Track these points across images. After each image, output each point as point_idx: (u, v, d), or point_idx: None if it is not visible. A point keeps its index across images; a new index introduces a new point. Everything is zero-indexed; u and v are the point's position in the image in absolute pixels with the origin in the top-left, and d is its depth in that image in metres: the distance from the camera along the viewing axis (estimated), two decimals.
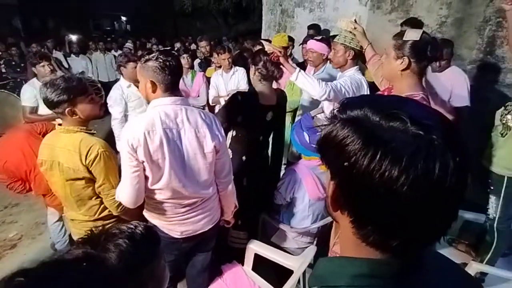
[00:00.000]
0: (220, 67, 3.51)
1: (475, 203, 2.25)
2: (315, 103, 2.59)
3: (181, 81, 3.57)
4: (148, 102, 1.45)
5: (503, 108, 2.01)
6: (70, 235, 2.37)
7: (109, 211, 1.62)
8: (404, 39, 1.38)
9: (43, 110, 2.80)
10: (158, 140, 1.34)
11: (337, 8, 4.25)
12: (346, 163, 0.42)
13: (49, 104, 1.45)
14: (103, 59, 6.41)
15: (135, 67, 2.83)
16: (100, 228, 0.88)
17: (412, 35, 1.37)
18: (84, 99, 1.51)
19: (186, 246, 1.65)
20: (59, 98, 1.43)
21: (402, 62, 1.40)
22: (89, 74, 5.94)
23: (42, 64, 2.76)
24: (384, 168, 0.39)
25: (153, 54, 1.39)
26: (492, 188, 2.06)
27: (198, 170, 1.48)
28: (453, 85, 2.44)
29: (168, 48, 7.05)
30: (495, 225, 2.06)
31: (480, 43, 3.07)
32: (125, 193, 1.42)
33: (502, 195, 2.01)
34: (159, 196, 1.48)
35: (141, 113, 2.92)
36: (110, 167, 1.54)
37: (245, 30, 11.15)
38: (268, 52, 2.05)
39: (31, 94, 2.80)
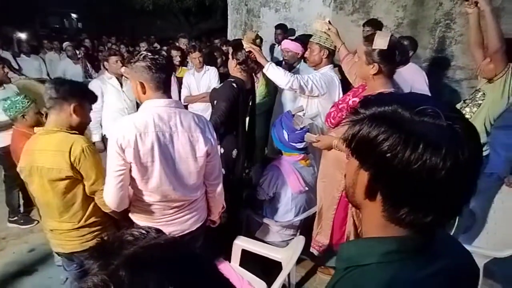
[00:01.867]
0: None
1: None
2: (292, 101, 2.68)
3: None
4: (140, 104, 1.42)
5: (462, 102, 2.24)
6: None
7: (95, 217, 1.56)
8: (373, 47, 1.48)
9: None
10: (150, 143, 1.32)
11: (302, 8, 4.39)
12: (388, 154, 0.48)
13: (56, 98, 1.45)
14: (58, 59, 5.97)
15: (117, 61, 2.92)
16: (111, 234, 0.87)
17: (380, 43, 1.47)
18: (88, 106, 1.56)
19: None
20: (71, 95, 1.46)
21: (373, 67, 1.52)
22: (43, 75, 5.49)
23: None
24: (426, 158, 0.46)
25: (141, 53, 1.36)
26: None
27: (189, 174, 1.48)
28: (413, 80, 2.66)
29: (132, 48, 6.75)
30: None
31: (432, 43, 3.38)
32: (109, 195, 1.38)
33: None
34: (147, 199, 1.46)
35: (119, 106, 2.98)
36: (98, 162, 1.49)
37: (208, 29, 11.05)
38: (247, 49, 2.13)
39: None
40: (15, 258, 2.61)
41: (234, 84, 2.15)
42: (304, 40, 2.57)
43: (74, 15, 21.79)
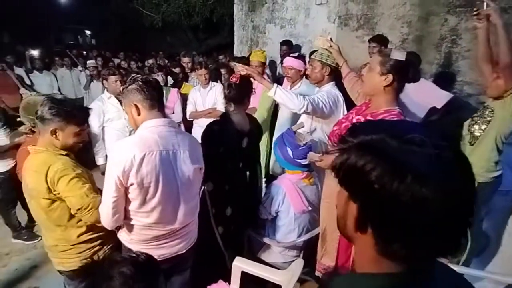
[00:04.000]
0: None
1: None
2: (293, 119, 2.66)
3: None
4: (137, 128, 1.42)
5: (470, 119, 2.18)
6: None
7: (93, 233, 1.54)
8: (391, 57, 1.47)
9: (2, 141, 2.66)
10: (154, 161, 1.32)
11: (307, 24, 4.44)
12: (375, 185, 0.45)
13: (40, 118, 1.44)
14: (70, 76, 6.14)
15: (116, 81, 2.92)
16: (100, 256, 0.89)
17: (398, 54, 1.46)
18: (74, 128, 1.49)
19: (163, 267, 1.61)
20: (51, 116, 1.42)
21: (386, 78, 1.48)
22: (54, 91, 5.63)
23: None
24: (414, 189, 0.43)
25: (131, 77, 1.39)
26: None
27: (190, 193, 1.48)
28: (426, 90, 2.60)
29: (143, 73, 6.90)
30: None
31: (438, 58, 3.35)
32: (104, 215, 1.38)
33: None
34: (142, 220, 1.43)
35: (119, 125, 2.98)
36: (76, 186, 1.43)
37: (216, 44, 11.24)
38: (241, 73, 2.07)
39: None
40: (17, 275, 2.60)
41: (216, 126, 1.89)
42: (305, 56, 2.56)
43: (88, 32, 22.58)
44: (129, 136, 1.46)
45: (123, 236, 1.53)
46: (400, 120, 0.57)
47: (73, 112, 1.48)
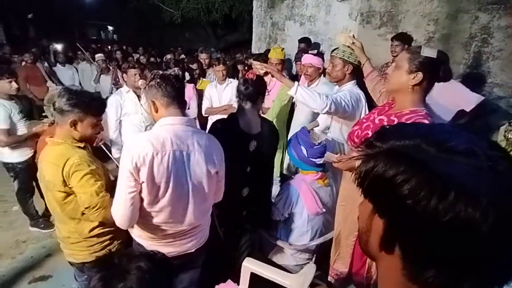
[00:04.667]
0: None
1: None
2: (310, 119, 2.58)
3: None
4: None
5: (507, 124, 2.03)
6: None
7: (104, 227, 1.54)
8: (421, 54, 1.36)
9: (21, 130, 2.70)
10: (166, 162, 1.28)
11: (327, 22, 4.32)
12: (409, 201, 0.38)
13: (56, 111, 1.45)
14: (90, 69, 6.27)
15: (135, 74, 2.93)
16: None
17: (429, 52, 1.35)
18: (92, 119, 1.50)
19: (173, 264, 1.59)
20: (70, 108, 1.42)
21: (415, 76, 1.38)
22: (76, 83, 5.77)
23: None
24: (459, 209, 0.35)
25: (152, 73, 1.37)
26: None
27: (202, 195, 1.44)
28: (454, 91, 2.45)
29: (158, 61, 6.96)
30: None
31: (467, 58, 3.17)
32: (118, 213, 1.34)
33: None
34: (152, 219, 1.41)
35: (136, 120, 2.99)
36: (88, 180, 1.43)
37: (234, 41, 11.23)
38: (261, 71, 1.99)
39: (3, 115, 2.56)
40: (32, 263, 2.66)
41: (219, 124, 1.81)
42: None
43: (110, 27, 23.13)
44: (144, 132, 1.42)
45: (134, 231, 1.52)
46: (439, 123, 0.48)
47: (91, 103, 1.49)
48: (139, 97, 3.02)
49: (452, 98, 2.38)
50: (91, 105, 1.48)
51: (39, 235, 3.02)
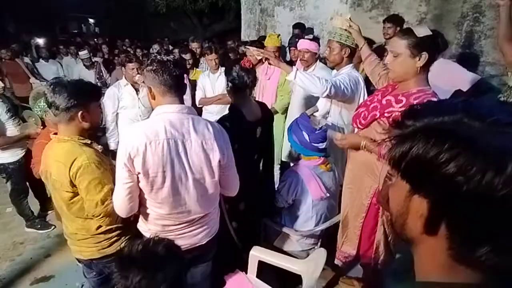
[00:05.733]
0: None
1: None
2: (307, 104, 2.57)
3: None
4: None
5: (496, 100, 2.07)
6: None
7: (111, 224, 1.50)
8: (418, 35, 1.37)
9: (10, 129, 2.61)
10: (160, 151, 1.24)
11: (317, 6, 4.26)
12: (459, 177, 0.37)
13: (62, 109, 1.38)
14: (75, 64, 6.07)
15: (133, 68, 2.87)
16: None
17: (423, 30, 1.37)
18: (96, 103, 1.50)
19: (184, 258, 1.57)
20: (75, 101, 1.37)
21: (420, 58, 1.39)
22: None
23: None
24: None
25: (150, 58, 1.32)
26: None
27: (204, 185, 1.40)
28: (451, 72, 2.47)
29: (145, 51, 6.77)
30: None
31: (459, 38, 3.19)
32: (117, 202, 1.34)
33: None
34: (156, 210, 1.38)
35: (132, 114, 2.96)
36: (95, 187, 1.39)
37: (221, 30, 11.02)
38: (258, 57, 1.95)
39: None
40: (32, 264, 2.61)
41: (227, 123, 1.72)
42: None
43: (91, 20, 22.40)
44: (139, 122, 1.37)
45: (141, 226, 1.49)
46: (477, 99, 0.46)
47: (89, 88, 1.49)
48: (137, 90, 2.98)
49: (449, 78, 2.39)
50: (91, 90, 1.47)
51: (37, 235, 2.96)
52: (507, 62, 2.00)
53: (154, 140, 1.23)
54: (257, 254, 1.87)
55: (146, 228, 1.46)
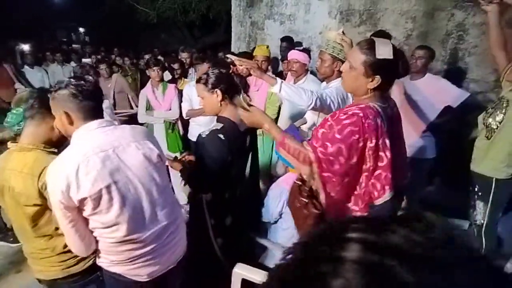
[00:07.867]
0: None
1: (457, 210, 2.31)
2: (296, 117, 2.54)
3: (152, 94, 3.41)
4: (69, 138, 1.27)
5: (484, 112, 2.09)
6: None
7: None
8: (377, 57, 1.24)
9: None
10: (93, 167, 1.15)
11: (307, 20, 4.32)
12: None
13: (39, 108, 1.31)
14: (61, 72, 5.94)
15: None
16: None
17: (385, 51, 1.23)
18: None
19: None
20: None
21: (372, 80, 1.27)
22: (46, 86, 5.44)
23: None
24: None
25: (64, 82, 1.23)
26: (480, 194, 2.10)
27: (157, 187, 1.32)
28: (440, 88, 2.48)
29: (131, 61, 6.70)
30: (483, 231, 2.10)
31: (444, 55, 3.26)
32: (71, 245, 1.26)
33: (490, 200, 2.05)
34: (114, 236, 1.27)
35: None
36: None
37: (212, 42, 11.05)
38: (240, 67, 1.93)
39: None
40: (2, 280, 2.44)
41: (222, 135, 1.63)
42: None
43: (81, 29, 22.26)
44: (57, 156, 1.22)
45: (102, 261, 1.36)
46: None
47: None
48: None
49: (438, 95, 2.42)
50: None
51: (8, 250, 2.78)
52: (500, 67, 2.02)
53: (83, 160, 1.15)
54: (241, 271, 1.78)
55: (109, 260, 1.34)
